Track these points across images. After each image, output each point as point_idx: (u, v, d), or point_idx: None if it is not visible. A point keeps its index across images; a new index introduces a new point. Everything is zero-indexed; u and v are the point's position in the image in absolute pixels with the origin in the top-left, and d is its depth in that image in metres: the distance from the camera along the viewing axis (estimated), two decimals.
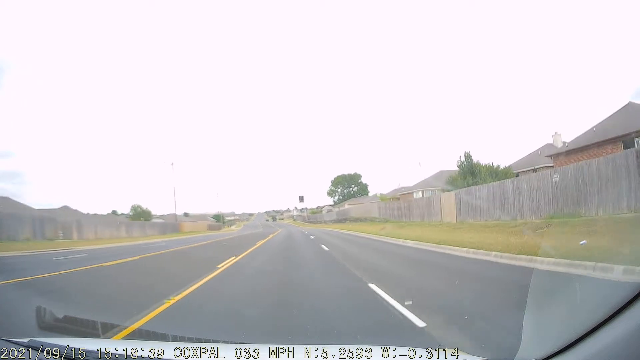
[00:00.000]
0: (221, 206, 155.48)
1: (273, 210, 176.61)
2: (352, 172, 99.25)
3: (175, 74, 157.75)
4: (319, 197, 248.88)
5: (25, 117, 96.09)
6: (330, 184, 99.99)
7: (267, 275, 8.24)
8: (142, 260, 12.52)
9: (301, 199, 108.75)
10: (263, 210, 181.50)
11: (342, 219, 45.89)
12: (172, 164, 47.04)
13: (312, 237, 22.90)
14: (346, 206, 61.19)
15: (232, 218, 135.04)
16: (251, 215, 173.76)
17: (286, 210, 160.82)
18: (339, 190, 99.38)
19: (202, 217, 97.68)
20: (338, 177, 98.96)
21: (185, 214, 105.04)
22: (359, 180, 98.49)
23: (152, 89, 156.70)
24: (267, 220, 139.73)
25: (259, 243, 18.89)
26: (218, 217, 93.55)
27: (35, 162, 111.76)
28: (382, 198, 44.15)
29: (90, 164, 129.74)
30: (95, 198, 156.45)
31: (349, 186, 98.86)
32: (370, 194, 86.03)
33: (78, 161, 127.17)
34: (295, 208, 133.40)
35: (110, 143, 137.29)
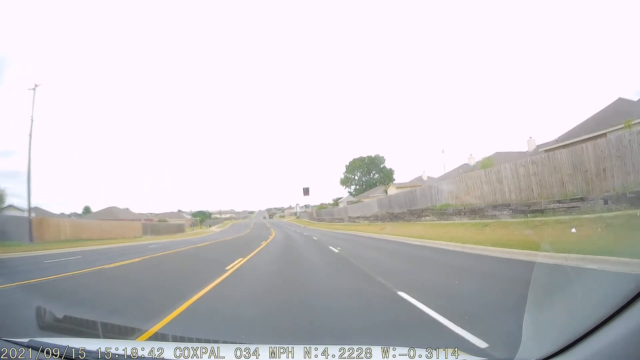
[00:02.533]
0: (221, 204, 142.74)
1: (274, 208, 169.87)
2: (372, 155, 76.05)
3: (172, 66, 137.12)
4: (326, 194, 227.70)
5: None
6: (345, 169, 77.03)
7: None
8: None
9: (306, 191, 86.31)
10: (264, 208, 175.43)
11: (409, 212, 22.06)
12: (35, 86, 24.01)
13: None
14: (394, 191, 37.17)
15: (227, 216, 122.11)
16: (251, 213, 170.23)
17: (288, 208, 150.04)
18: (356, 177, 76.46)
19: (178, 215, 75.61)
20: (355, 160, 76.02)
21: (180, 211, 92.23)
22: (382, 165, 75.32)
23: (152, 81, 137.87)
24: (264, 218, 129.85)
25: None
26: (198, 215, 71.20)
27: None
28: (486, 163, 20.86)
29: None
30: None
31: (368, 172, 76.02)
32: (396, 182, 63.48)
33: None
34: (298, 205, 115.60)
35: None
